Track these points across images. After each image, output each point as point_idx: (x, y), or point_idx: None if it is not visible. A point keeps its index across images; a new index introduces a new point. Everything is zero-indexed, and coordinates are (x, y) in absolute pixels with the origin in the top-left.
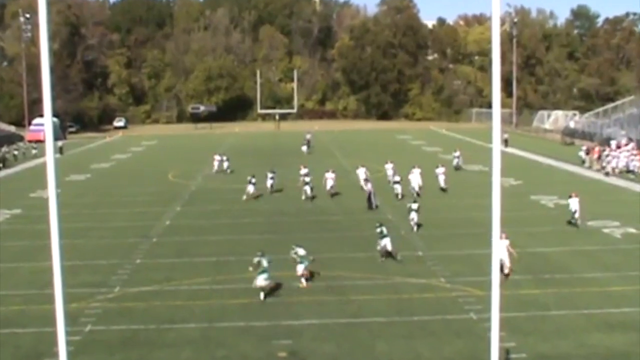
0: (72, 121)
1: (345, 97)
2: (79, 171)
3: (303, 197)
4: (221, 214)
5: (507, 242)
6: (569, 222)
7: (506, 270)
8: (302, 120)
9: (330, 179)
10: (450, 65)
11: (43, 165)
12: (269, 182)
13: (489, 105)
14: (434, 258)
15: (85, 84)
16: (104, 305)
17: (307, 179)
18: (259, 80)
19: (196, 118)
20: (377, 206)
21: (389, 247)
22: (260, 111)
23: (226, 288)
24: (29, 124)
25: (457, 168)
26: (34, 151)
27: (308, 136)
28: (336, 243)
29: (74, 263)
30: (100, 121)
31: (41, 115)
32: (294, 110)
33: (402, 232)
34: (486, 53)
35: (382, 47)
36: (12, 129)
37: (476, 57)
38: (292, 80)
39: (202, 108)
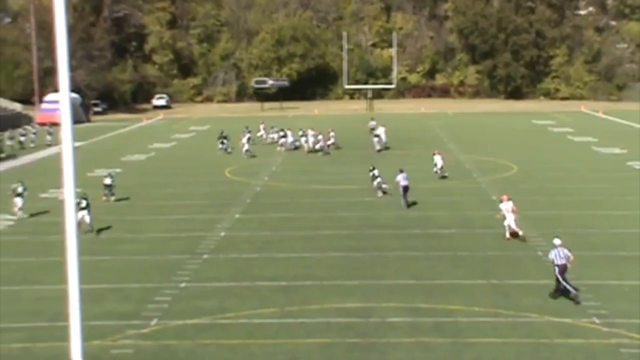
0: (97, 98)
1: (462, 68)
2: (105, 165)
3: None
4: (293, 224)
5: (510, 203)
6: None
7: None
8: (403, 99)
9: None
10: (612, 22)
11: (58, 157)
12: (377, 182)
13: None
14: (585, 290)
15: (115, 49)
16: (137, 343)
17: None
18: (345, 46)
19: (262, 95)
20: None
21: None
22: (347, 86)
23: (299, 323)
24: (40, 101)
25: None
26: (48, 137)
27: (372, 123)
28: (448, 266)
29: (96, 286)
30: (135, 99)
31: (56, 90)
32: (393, 86)
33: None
34: None
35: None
36: (17, 107)
37: None
38: (390, 45)
39: (269, 82)
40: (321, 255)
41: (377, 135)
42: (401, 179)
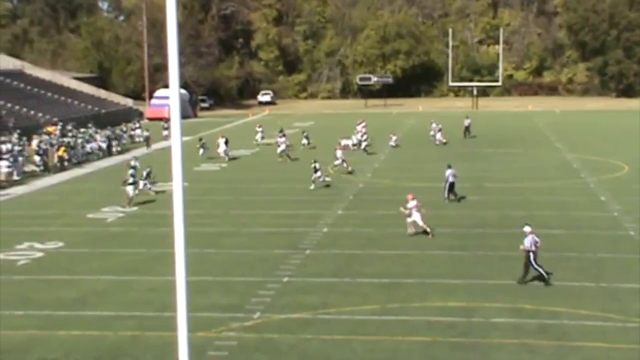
0: (204, 94)
1: (571, 65)
2: (212, 159)
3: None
4: (396, 221)
5: (414, 202)
6: None
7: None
8: (509, 96)
9: None
10: None
11: (165, 151)
12: (316, 175)
13: None
14: None
15: (222, 46)
16: (240, 335)
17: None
18: (451, 43)
19: (366, 92)
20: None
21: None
22: (452, 84)
23: (400, 320)
24: (150, 96)
25: None
26: (164, 132)
27: (467, 121)
28: (555, 267)
29: (202, 279)
30: (241, 94)
31: (166, 86)
32: (499, 83)
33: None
34: None
35: None
36: (128, 102)
37: None
38: (496, 42)
39: (374, 79)
40: (424, 253)
41: (467, 127)
42: (449, 175)
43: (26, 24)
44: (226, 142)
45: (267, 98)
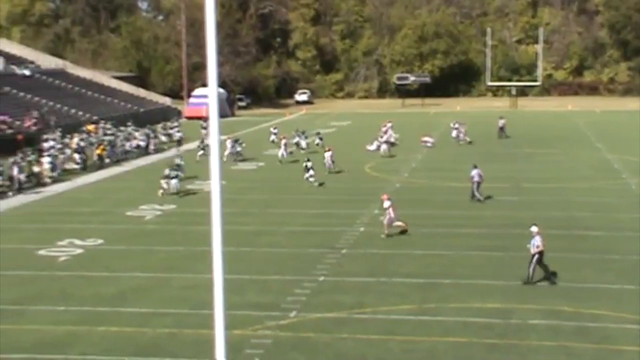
0: (242, 93)
1: (612, 64)
2: (247, 158)
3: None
4: (432, 221)
5: (389, 202)
6: None
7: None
8: (549, 96)
9: None
10: None
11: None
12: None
13: None
14: None
15: (259, 45)
16: (276, 334)
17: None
18: (489, 42)
19: (403, 92)
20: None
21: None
22: (490, 83)
23: (436, 321)
24: (188, 95)
25: None
26: (203, 131)
27: (502, 122)
28: (595, 268)
29: (238, 277)
30: (278, 94)
31: (204, 85)
32: (538, 83)
33: None
34: None
35: None
36: (167, 101)
37: None
38: (535, 41)
39: (411, 78)
40: (460, 253)
41: (502, 127)
42: (475, 175)
43: (68, 24)
44: (235, 142)
45: (304, 97)
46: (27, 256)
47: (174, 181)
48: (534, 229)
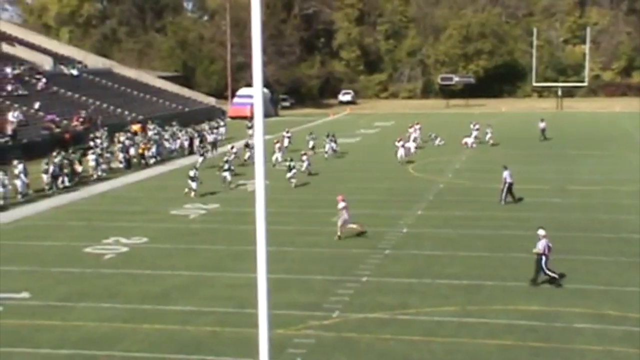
0: (285, 93)
1: None
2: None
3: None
4: (476, 222)
5: (344, 203)
6: None
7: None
8: (596, 97)
9: None
10: None
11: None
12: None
13: None
14: None
15: (304, 45)
16: (319, 334)
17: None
18: (535, 42)
19: (448, 92)
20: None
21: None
22: (536, 84)
23: (480, 323)
24: (232, 95)
25: None
26: (249, 131)
27: (542, 125)
28: (638, 272)
29: (281, 277)
30: (322, 94)
31: (248, 85)
32: (585, 84)
33: None
34: None
35: None
36: (211, 101)
37: None
38: (583, 41)
39: (456, 79)
40: (505, 255)
41: (543, 130)
42: (507, 176)
43: (115, 24)
44: (246, 146)
45: (347, 97)
46: (74, 254)
47: (225, 173)
48: (541, 232)
